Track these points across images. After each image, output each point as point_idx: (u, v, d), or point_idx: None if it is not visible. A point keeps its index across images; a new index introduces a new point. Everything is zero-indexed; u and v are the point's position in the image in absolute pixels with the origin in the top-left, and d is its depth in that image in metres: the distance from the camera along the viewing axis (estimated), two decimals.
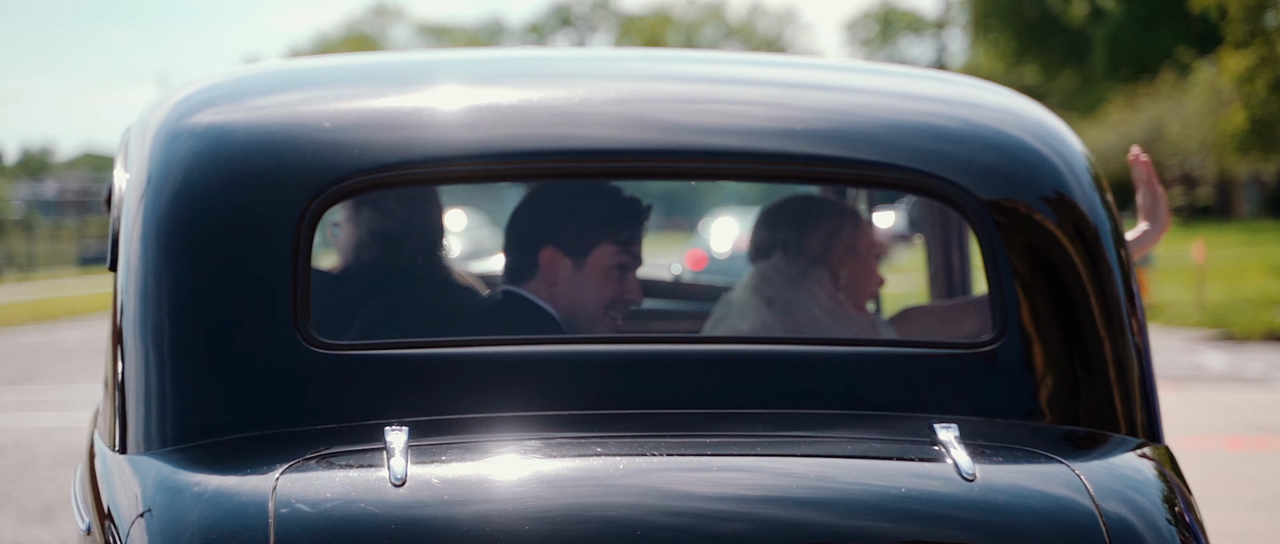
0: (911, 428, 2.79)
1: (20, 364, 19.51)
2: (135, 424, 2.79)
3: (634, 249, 3.43)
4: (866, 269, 3.64)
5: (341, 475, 2.59)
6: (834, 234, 3.62)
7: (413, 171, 3.00)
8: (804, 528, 2.49)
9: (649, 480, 2.58)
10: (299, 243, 2.84)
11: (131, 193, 3.00)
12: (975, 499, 2.54)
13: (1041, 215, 3.01)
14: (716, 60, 3.86)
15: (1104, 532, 2.51)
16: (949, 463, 2.59)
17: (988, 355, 2.91)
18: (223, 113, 3.08)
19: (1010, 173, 3.05)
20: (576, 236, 3.39)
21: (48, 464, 11.24)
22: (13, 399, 15.66)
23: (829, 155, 3.08)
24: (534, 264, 3.41)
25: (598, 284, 3.39)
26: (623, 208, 3.44)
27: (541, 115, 3.07)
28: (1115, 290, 3.00)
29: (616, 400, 2.82)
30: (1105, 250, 3.03)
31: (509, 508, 2.48)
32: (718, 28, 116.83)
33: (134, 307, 2.86)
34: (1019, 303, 2.91)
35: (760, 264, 3.66)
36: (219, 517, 2.49)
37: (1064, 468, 2.63)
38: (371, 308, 3.49)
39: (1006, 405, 2.89)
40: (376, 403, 2.77)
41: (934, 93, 3.42)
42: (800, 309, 3.54)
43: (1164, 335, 21.10)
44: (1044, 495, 2.59)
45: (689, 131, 3.10)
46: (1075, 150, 3.18)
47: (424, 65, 3.54)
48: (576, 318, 3.38)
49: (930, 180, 3.02)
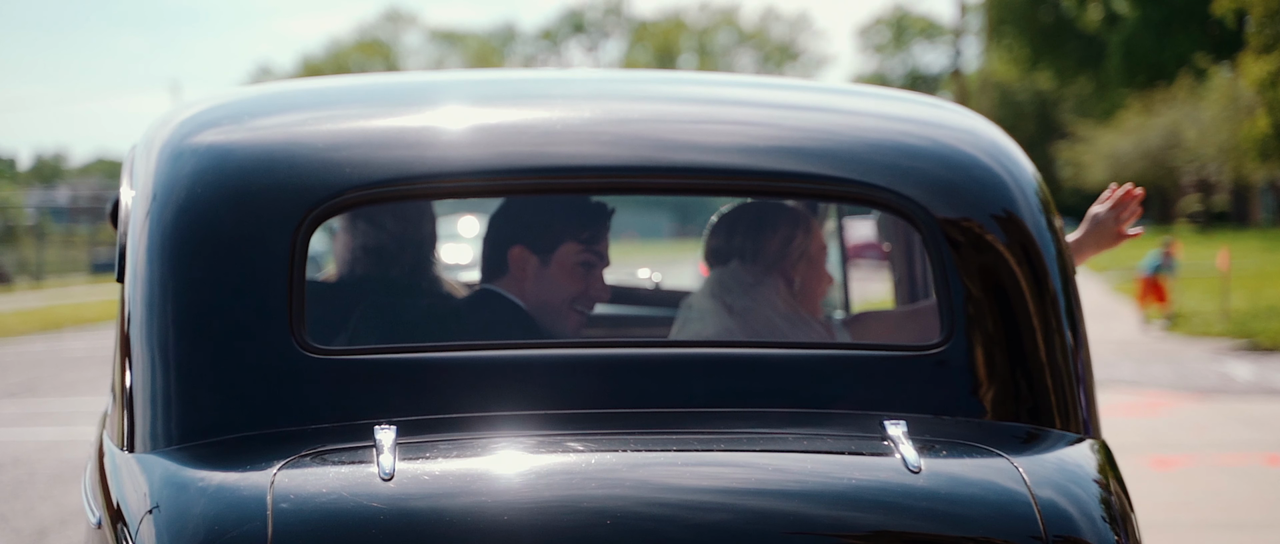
0: (863, 425, 2.98)
1: (24, 375, 19.19)
2: (142, 424, 2.98)
3: (598, 248, 3.67)
4: (818, 273, 3.84)
5: (334, 471, 2.77)
6: (788, 241, 3.79)
7: (402, 188, 3.20)
8: (762, 516, 2.67)
9: (619, 474, 2.76)
10: (294, 255, 3.02)
11: (138, 208, 3.19)
12: (919, 489, 2.73)
13: (989, 231, 3.21)
14: (689, 81, 4.09)
15: (1038, 518, 2.71)
16: (897, 457, 2.79)
17: (935, 358, 3.12)
18: (224, 132, 3.26)
19: (962, 190, 3.25)
20: (541, 236, 3.64)
21: (45, 481, 10.87)
22: (14, 411, 15.32)
23: (791, 171, 3.27)
24: (505, 262, 3.66)
25: (564, 280, 3.64)
26: (586, 210, 3.67)
27: (525, 134, 3.26)
28: (1055, 300, 3.22)
29: (590, 401, 3.01)
30: (1047, 264, 3.23)
31: (489, 500, 2.66)
32: (730, 34, 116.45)
33: (140, 315, 3.05)
34: (965, 310, 3.13)
35: (718, 270, 3.81)
36: (221, 510, 2.66)
37: (1003, 460, 2.84)
38: (363, 315, 3.71)
39: (952, 404, 3.10)
40: (367, 404, 2.96)
41: (895, 113, 3.60)
42: (758, 316, 3.71)
43: (1188, 345, 20.72)
44: (983, 485, 2.78)
45: (662, 149, 3.30)
46: (1026, 171, 3.38)
47: (413, 87, 3.74)
48: (544, 311, 3.63)
49: (887, 195, 3.23)
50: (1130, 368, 17.62)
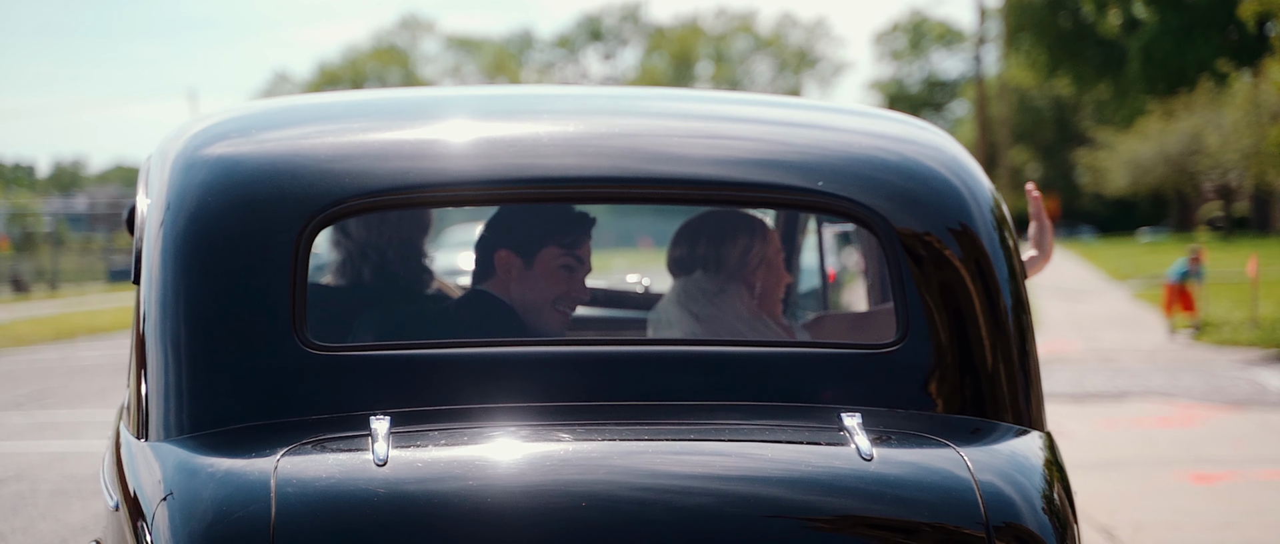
0: (821, 417, 3.22)
1: (33, 385, 18.90)
2: (156, 415, 3.21)
3: (578, 253, 3.92)
4: (777, 276, 4.07)
5: (332, 457, 2.99)
6: (747, 251, 4.02)
7: (398, 197, 3.40)
8: (727, 499, 2.90)
9: (595, 461, 2.97)
10: (297, 259, 3.25)
11: (152, 215, 3.43)
12: (871, 475, 2.95)
13: (944, 240, 3.45)
14: (670, 98, 4.27)
15: (980, 501, 2.93)
16: (851, 446, 3.01)
17: (890, 356, 3.35)
18: (232, 145, 3.50)
19: (921, 202, 3.48)
20: (525, 240, 3.91)
21: (47, 497, 10.52)
22: (20, 422, 15.02)
23: (758, 181, 3.50)
24: (492, 265, 3.93)
25: (547, 281, 3.89)
26: (568, 218, 3.92)
27: (514, 147, 3.49)
28: (1003, 305, 3.45)
29: (570, 394, 3.25)
30: (997, 272, 3.47)
31: (475, 484, 2.87)
32: (747, 40, 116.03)
33: (155, 314, 3.29)
34: (919, 312, 3.36)
35: (682, 279, 4.04)
36: (229, 493, 2.87)
37: (950, 449, 3.06)
38: (360, 314, 4.02)
39: (905, 398, 3.33)
40: (363, 396, 3.19)
41: (863, 128, 3.80)
42: (722, 323, 3.95)
43: (1217, 354, 20.32)
44: (930, 471, 3.00)
45: (641, 161, 3.51)
46: (983, 186, 3.62)
47: (410, 102, 3.97)
48: (529, 310, 3.88)
49: (849, 204, 3.46)
50: (1161, 378, 17.23)
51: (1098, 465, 10.97)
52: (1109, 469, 10.82)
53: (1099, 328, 25.06)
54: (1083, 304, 31.02)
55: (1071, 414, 13.92)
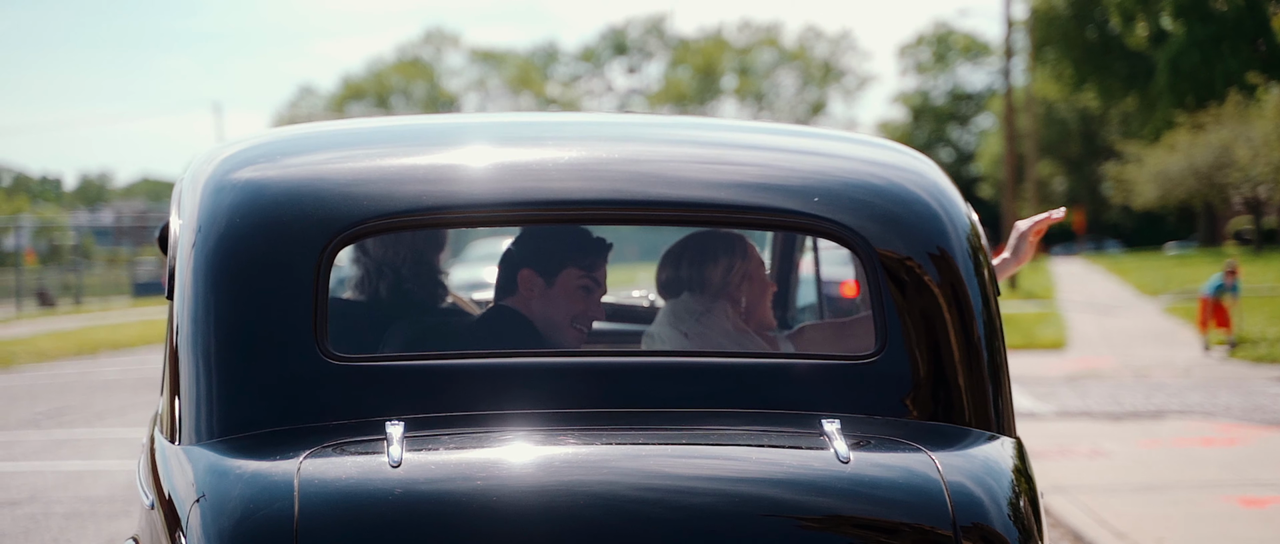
0: (803, 423, 3.46)
1: (52, 402, 18.67)
2: (188, 421, 3.45)
3: (596, 275, 4.19)
4: (761, 288, 4.33)
5: (351, 460, 3.23)
6: (729, 270, 4.28)
7: (414, 218, 3.68)
8: (715, 497, 3.16)
9: (595, 462, 3.24)
10: (319, 276, 3.51)
11: (184, 235, 3.68)
12: (847, 476, 3.21)
13: (920, 259, 3.70)
14: (667, 125, 4.47)
15: (948, 501, 3.18)
16: (830, 450, 3.27)
17: (868, 365, 3.62)
18: (259, 170, 3.75)
19: (899, 223, 3.73)
20: (547, 261, 4.18)
21: (61, 520, 10.25)
22: (38, 440, 14.77)
23: (748, 203, 3.75)
24: (515, 283, 4.20)
25: (565, 300, 4.16)
26: (587, 243, 4.21)
27: (520, 172, 3.75)
28: (974, 319, 3.71)
29: (574, 401, 3.50)
30: (969, 290, 3.71)
31: (482, 483, 3.13)
32: (772, 53, 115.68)
33: (187, 327, 3.53)
34: (896, 326, 3.63)
35: (672, 302, 4.31)
36: (255, 492, 3.12)
37: (922, 453, 3.31)
38: (378, 327, 4.34)
39: (882, 405, 3.58)
40: (379, 403, 3.43)
41: (847, 153, 4.05)
42: (709, 340, 4.21)
43: (1254, 370, 19.95)
44: (902, 472, 3.25)
45: (637, 184, 3.77)
46: (959, 209, 3.87)
47: (424, 129, 4.17)
48: (548, 326, 4.15)
49: (831, 225, 3.72)
50: (1199, 396, 16.89)
51: (1141, 488, 10.64)
52: (1153, 492, 10.49)
53: (1132, 343, 24.69)
54: (1114, 319, 30.64)
55: (1109, 434, 13.59)
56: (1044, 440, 13.16)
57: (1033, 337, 25.11)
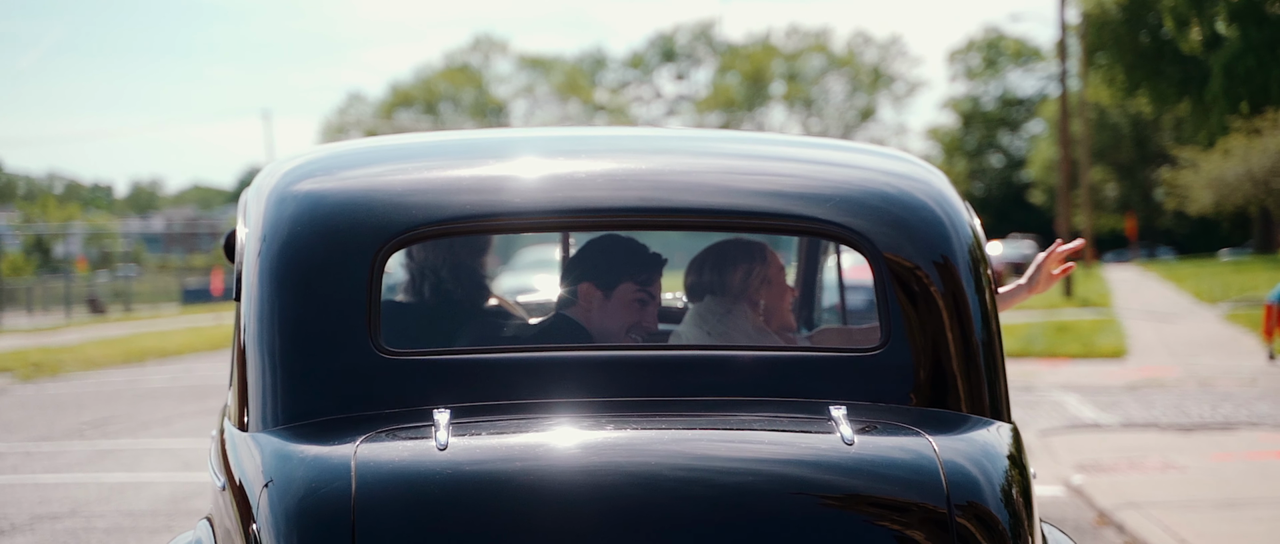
0: (814, 409, 3.77)
1: (98, 411, 18.45)
2: (254, 410, 3.79)
3: (651, 289, 4.50)
4: (780, 291, 4.61)
5: (402, 444, 3.54)
6: (748, 274, 4.57)
7: (459, 225, 4.07)
8: (733, 474, 3.49)
9: (627, 445, 3.56)
10: (373, 277, 3.85)
11: (250, 243, 4.04)
12: (851, 457, 3.52)
13: (923, 260, 4.02)
14: (695, 138, 4.87)
15: (943, 480, 3.48)
16: (837, 434, 3.57)
17: (873, 358, 3.93)
18: (318, 182, 4.12)
19: (905, 228, 4.05)
20: (606, 275, 4.47)
21: (101, 534, 9.95)
22: (81, 451, 14.53)
23: (765, 209, 4.11)
24: (575, 294, 4.50)
25: (622, 312, 4.46)
26: (644, 258, 4.53)
27: (558, 182, 4.09)
28: (971, 314, 4.02)
29: (608, 391, 3.82)
30: (967, 286, 4.03)
31: (522, 465, 3.45)
32: (821, 59, 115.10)
33: (252, 326, 3.87)
34: (899, 321, 3.94)
35: (696, 305, 4.61)
36: (316, 474, 3.44)
37: (920, 437, 3.61)
38: (426, 325, 4.70)
39: (887, 394, 3.90)
40: (428, 393, 3.75)
41: (860, 163, 4.40)
42: (731, 339, 4.47)
43: None
44: (903, 453, 3.56)
45: (666, 193, 4.10)
46: (961, 216, 4.19)
47: (470, 143, 4.55)
48: (605, 336, 4.42)
49: (840, 230, 4.06)
50: (1268, 406, 16.40)
51: (1220, 504, 10.21)
52: (1232, 509, 10.05)
53: (1194, 351, 24.17)
54: (1173, 326, 30.09)
55: (1180, 446, 13.14)
56: (1111, 453, 12.74)
57: (1092, 345, 24.62)
